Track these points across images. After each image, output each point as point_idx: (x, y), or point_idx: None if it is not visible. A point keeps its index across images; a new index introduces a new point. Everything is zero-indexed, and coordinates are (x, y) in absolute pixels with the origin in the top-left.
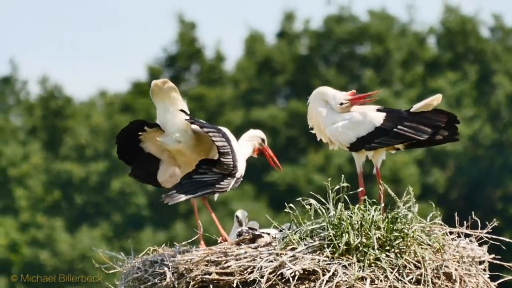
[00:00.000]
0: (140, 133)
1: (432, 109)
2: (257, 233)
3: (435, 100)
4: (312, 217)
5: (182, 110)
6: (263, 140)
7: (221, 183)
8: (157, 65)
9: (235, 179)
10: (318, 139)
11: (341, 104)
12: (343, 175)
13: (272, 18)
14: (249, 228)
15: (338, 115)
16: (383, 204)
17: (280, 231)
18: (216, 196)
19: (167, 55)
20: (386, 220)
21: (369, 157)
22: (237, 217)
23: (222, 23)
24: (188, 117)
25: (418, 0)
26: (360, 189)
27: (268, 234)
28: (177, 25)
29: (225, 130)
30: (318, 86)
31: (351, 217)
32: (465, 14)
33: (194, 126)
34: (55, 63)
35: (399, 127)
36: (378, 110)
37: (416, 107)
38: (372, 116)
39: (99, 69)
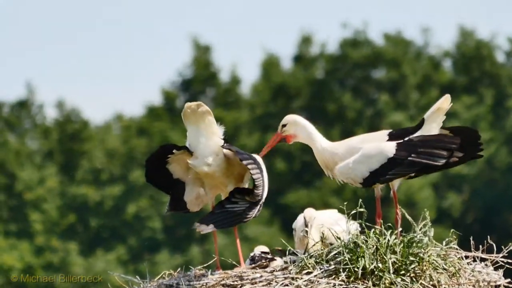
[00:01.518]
0: (168, 155)
1: (444, 132)
2: (269, 257)
3: (445, 102)
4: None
5: (224, 140)
6: None
7: (248, 212)
8: (173, 89)
9: (258, 206)
10: (328, 175)
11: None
12: (360, 200)
13: (289, 41)
14: (262, 252)
15: (346, 153)
16: (400, 229)
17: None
18: None
19: (182, 79)
20: (402, 244)
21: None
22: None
23: (238, 46)
24: (226, 145)
25: (433, 24)
26: (377, 213)
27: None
28: (192, 49)
29: (259, 159)
30: (334, 111)
31: (366, 241)
32: (481, 38)
33: (225, 151)
34: (71, 87)
35: (413, 155)
36: (390, 134)
37: (428, 115)
38: (383, 147)
39: (115, 93)
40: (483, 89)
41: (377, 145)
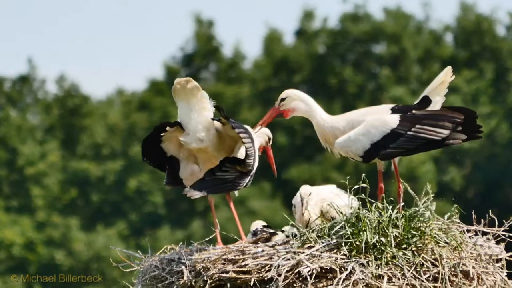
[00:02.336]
0: (162, 134)
1: (447, 107)
2: (271, 231)
3: (447, 75)
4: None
5: (216, 107)
6: (269, 139)
7: (239, 181)
8: (175, 63)
9: (249, 177)
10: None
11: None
12: (363, 174)
13: (291, 16)
14: (264, 226)
15: (347, 127)
16: (402, 203)
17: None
18: (236, 192)
19: (184, 53)
20: (404, 218)
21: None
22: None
23: (241, 21)
24: (221, 113)
25: None
26: (379, 187)
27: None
28: (194, 24)
29: (250, 129)
30: (335, 85)
31: (368, 215)
32: (481, 12)
33: (216, 125)
34: (72, 62)
35: (417, 126)
36: (392, 108)
37: (431, 89)
38: (386, 118)
39: (116, 68)
40: (484, 63)
41: (380, 116)
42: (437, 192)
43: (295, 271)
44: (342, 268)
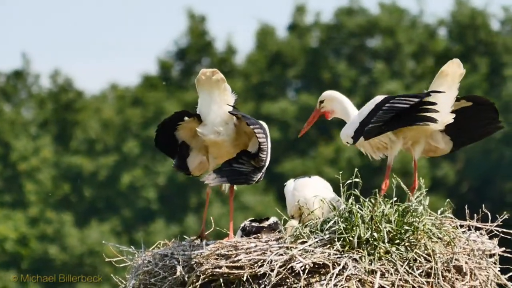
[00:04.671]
0: (179, 122)
1: (462, 101)
2: (260, 225)
3: (450, 66)
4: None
5: (231, 106)
6: None
7: (252, 175)
8: (168, 58)
9: (261, 173)
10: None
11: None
12: (356, 169)
13: (283, 11)
14: (251, 220)
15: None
16: (395, 198)
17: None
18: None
19: (177, 48)
20: (397, 213)
21: (367, 149)
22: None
23: (233, 16)
24: (233, 110)
25: None
26: (385, 182)
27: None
28: (187, 19)
29: (265, 125)
30: (329, 79)
31: (361, 210)
32: (475, 7)
33: (234, 119)
34: (66, 57)
35: (396, 99)
36: None
37: (433, 81)
38: (377, 97)
39: (110, 63)
40: (478, 58)
41: (374, 99)
42: (430, 187)
43: (288, 266)
44: (335, 264)
